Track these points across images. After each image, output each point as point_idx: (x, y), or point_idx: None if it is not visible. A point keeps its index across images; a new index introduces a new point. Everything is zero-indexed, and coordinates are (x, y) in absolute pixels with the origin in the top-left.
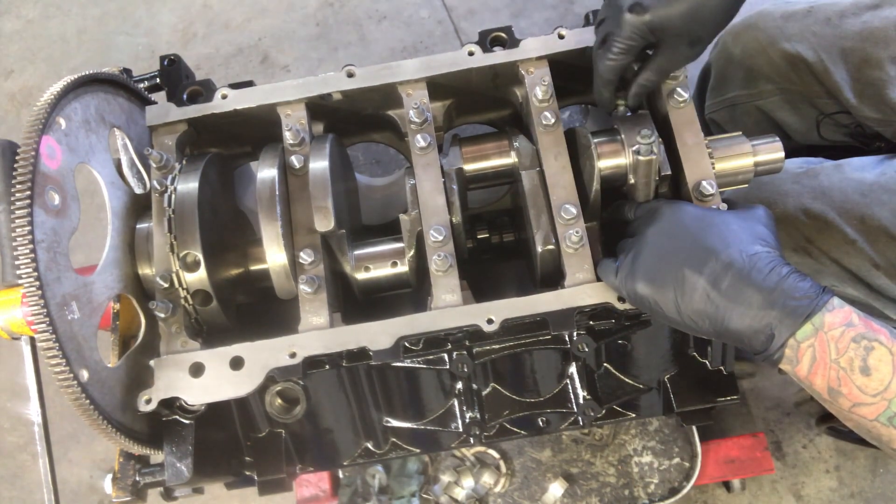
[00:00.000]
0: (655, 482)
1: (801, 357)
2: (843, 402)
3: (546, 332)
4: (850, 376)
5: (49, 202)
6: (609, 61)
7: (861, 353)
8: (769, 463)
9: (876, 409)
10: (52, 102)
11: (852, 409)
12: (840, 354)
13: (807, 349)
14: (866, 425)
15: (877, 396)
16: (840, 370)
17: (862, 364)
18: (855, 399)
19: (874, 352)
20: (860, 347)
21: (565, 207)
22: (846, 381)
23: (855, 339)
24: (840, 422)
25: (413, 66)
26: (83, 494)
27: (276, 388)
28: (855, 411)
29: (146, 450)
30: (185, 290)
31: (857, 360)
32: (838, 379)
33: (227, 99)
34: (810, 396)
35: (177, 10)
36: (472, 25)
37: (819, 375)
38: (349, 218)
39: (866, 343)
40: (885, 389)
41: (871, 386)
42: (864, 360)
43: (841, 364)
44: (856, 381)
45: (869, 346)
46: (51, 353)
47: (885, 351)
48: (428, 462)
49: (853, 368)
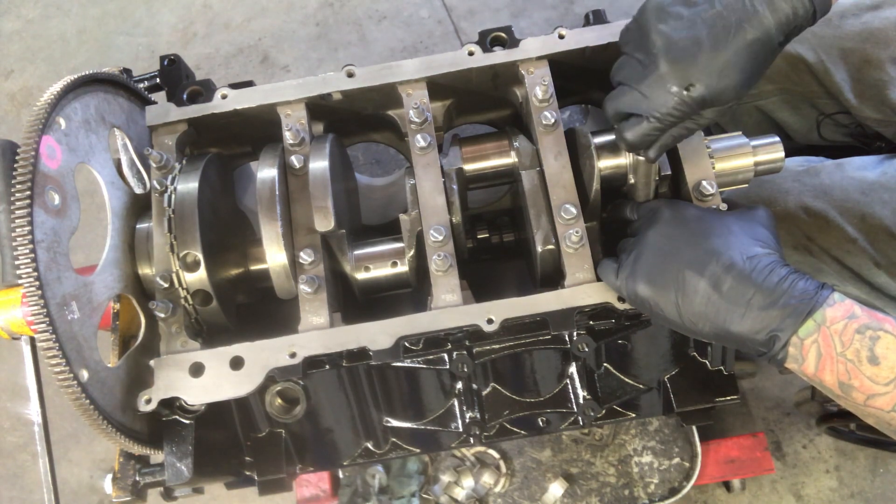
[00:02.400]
0: (655, 482)
1: (806, 354)
2: (857, 395)
3: (546, 332)
4: (859, 367)
5: (49, 202)
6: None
7: (867, 343)
8: (769, 463)
9: (891, 398)
10: (52, 102)
11: (868, 402)
12: (846, 347)
13: (811, 346)
14: (885, 417)
15: (889, 385)
16: (848, 363)
17: (869, 354)
18: (868, 391)
19: (880, 340)
20: (865, 338)
21: (565, 207)
22: (856, 373)
23: (859, 330)
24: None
25: (413, 66)
26: (83, 494)
27: (276, 388)
28: (871, 404)
29: (146, 450)
30: (184, 290)
31: (863, 351)
32: (847, 372)
33: (227, 99)
34: (810, 396)
35: (177, 10)
36: (472, 25)
37: (828, 371)
38: (349, 218)
39: (871, 333)
40: (894, 375)
41: (882, 375)
42: (871, 350)
43: (848, 356)
44: (865, 372)
45: (875, 336)
46: (51, 353)
47: (892, 339)
48: (428, 462)
49: (861, 359)
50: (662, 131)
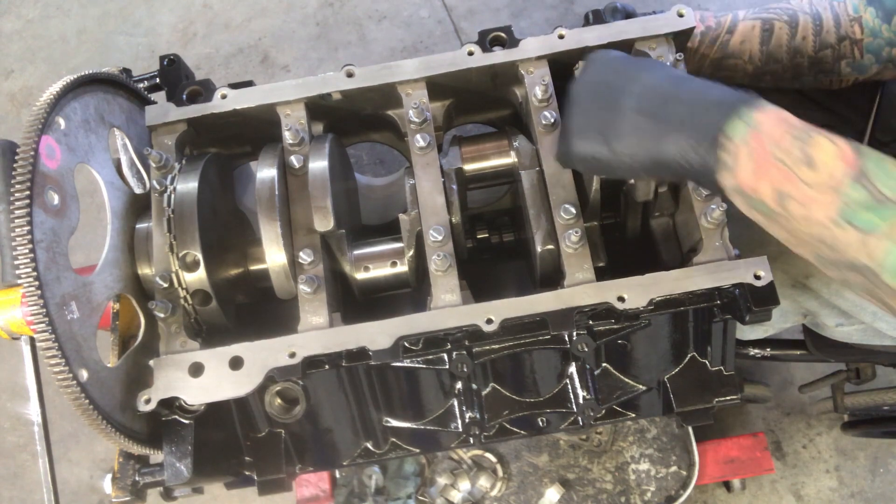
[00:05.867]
0: (652, 490)
1: (739, 157)
2: (795, 207)
3: (545, 331)
4: (796, 171)
5: (48, 202)
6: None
7: (801, 146)
8: (769, 463)
9: (827, 207)
10: (52, 102)
11: (805, 215)
12: (782, 151)
13: (742, 146)
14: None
15: (826, 190)
16: (784, 167)
17: (805, 157)
18: (804, 198)
19: (817, 146)
20: (800, 141)
21: (565, 207)
22: (791, 178)
23: (793, 134)
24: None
25: (413, 65)
26: (83, 494)
27: (275, 388)
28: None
29: (146, 450)
30: (184, 289)
31: (798, 153)
32: (785, 179)
33: (226, 99)
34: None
35: (177, 10)
36: (472, 25)
37: (764, 179)
38: (349, 218)
39: (806, 136)
40: (833, 181)
41: (818, 179)
42: (806, 152)
43: (785, 161)
44: (802, 176)
45: (810, 140)
46: (50, 353)
47: (827, 141)
48: (424, 464)
49: (796, 163)
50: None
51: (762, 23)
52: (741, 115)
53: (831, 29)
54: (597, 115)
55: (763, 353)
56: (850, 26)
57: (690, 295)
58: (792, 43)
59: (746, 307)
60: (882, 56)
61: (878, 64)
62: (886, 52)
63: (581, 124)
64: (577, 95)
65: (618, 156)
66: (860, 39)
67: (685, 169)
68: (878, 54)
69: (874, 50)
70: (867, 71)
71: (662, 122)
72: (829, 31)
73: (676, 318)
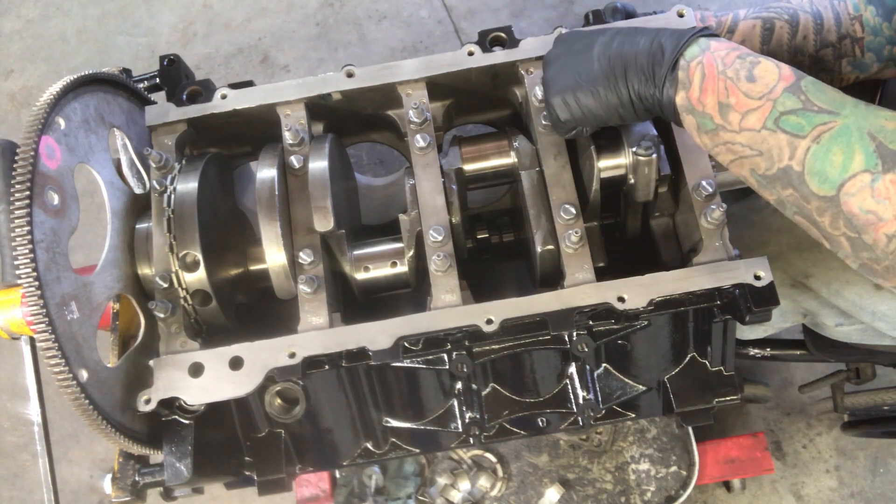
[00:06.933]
0: (652, 490)
1: (693, 76)
2: (733, 116)
3: (545, 332)
4: (737, 84)
5: (48, 202)
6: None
7: (747, 65)
8: (769, 463)
9: (762, 113)
10: (52, 102)
11: (742, 123)
12: (727, 66)
13: (696, 67)
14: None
15: (762, 99)
16: (727, 80)
17: (748, 73)
18: (742, 107)
19: (760, 65)
20: (746, 62)
21: (565, 207)
22: (733, 89)
23: (741, 56)
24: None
25: (413, 66)
26: (83, 494)
27: (275, 388)
28: (744, 126)
29: (146, 450)
30: (184, 290)
31: (742, 71)
32: (726, 90)
33: (226, 99)
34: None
35: (177, 10)
36: (472, 25)
37: (709, 92)
38: (349, 218)
39: (752, 59)
40: (769, 91)
41: (756, 89)
42: (750, 71)
43: (728, 74)
44: (742, 88)
45: (755, 61)
46: (50, 353)
47: (771, 64)
48: (424, 464)
49: (739, 77)
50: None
51: (763, 22)
52: (698, 42)
53: (832, 28)
54: (571, 68)
55: (763, 353)
56: (850, 25)
57: (690, 295)
58: (793, 42)
59: (746, 307)
60: (883, 54)
61: (878, 62)
62: (887, 51)
63: (557, 81)
64: (552, 57)
65: (593, 96)
66: (861, 38)
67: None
68: (879, 53)
69: (875, 48)
70: (868, 69)
71: (627, 55)
72: (830, 30)
73: (676, 318)
